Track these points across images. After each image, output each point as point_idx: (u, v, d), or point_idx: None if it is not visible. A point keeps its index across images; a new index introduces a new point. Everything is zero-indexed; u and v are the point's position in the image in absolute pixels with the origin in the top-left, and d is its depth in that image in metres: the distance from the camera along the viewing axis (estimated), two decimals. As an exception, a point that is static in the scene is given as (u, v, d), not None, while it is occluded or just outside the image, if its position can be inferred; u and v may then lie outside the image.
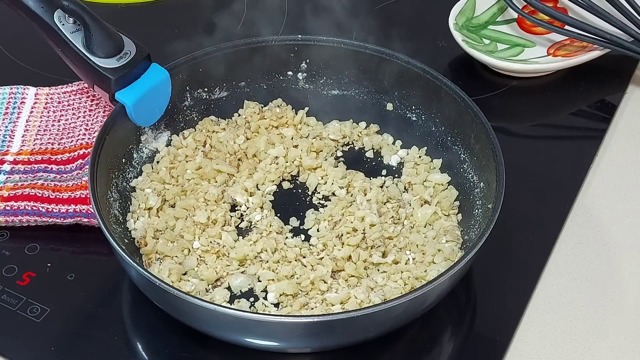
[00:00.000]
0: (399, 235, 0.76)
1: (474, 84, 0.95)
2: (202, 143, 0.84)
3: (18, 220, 0.77)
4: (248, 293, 0.72)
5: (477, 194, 0.76)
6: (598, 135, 0.90)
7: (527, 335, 0.72)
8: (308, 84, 0.87)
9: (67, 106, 0.89)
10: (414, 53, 0.83)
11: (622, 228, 0.81)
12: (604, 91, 0.95)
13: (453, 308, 0.73)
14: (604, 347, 0.71)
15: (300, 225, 0.78)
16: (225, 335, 0.67)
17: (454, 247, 0.75)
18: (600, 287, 0.76)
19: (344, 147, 0.86)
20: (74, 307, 0.73)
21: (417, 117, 0.84)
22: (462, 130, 0.80)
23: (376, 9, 1.06)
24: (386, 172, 0.83)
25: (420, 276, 0.72)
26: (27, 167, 0.82)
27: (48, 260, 0.76)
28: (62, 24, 0.75)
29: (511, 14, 1.01)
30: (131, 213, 0.77)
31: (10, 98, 0.89)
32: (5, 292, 0.73)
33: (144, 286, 0.67)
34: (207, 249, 0.74)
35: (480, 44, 0.97)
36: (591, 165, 0.86)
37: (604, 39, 0.92)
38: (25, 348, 0.70)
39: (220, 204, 0.78)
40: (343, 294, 0.70)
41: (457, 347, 0.72)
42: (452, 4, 0.99)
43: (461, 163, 0.80)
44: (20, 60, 0.96)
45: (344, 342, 0.68)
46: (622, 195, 0.84)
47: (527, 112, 0.94)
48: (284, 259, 0.74)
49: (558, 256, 0.78)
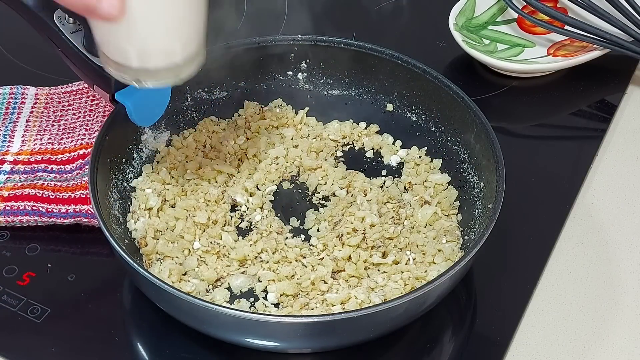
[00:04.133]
0: (399, 236, 0.76)
1: (474, 84, 0.95)
2: (203, 143, 0.84)
3: (18, 220, 0.77)
4: (248, 293, 0.72)
5: (477, 194, 0.76)
6: (598, 135, 0.90)
7: (527, 335, 0.72)
8: (308, 84, 0.87)
9: (67, 106, 0.89)
10: (414, 53, 0.83)
11: (622, 228, 0.81)
12: (604, 91, 0.95)
13: (453, 308, 0.73)
14: (604, 347, 0.71)
15: (301, 226, 0.78)
16: (226, 336, 0.67)
17: (454, 247, 0.75)
18: (600, 287, 0.76)
19: (344, 147, 0.86)
20: (74, 308, 0.73)
21: (417, 117, 0.84)
22: (462, 130, 0.80)
23: (376, 9, 1.06)
24: (386, 172, 0.83)
25: (421, 276, 0.72)
26: (27, 167, 0.82)
27: (48, 260, 0.76)
28: (62, 24, 0.75)
29: (511, 14, 1.01)
30: (131, 213, 0.77)
31: (10, 98, 0.89)
32: (5, 293, 0.73)
33: (144, 286, 0.67)
34: (207, 250, 0.74)
35: (480, 44, 0.97)
36: (591, 165, 0.86)
37: (604, 39, 0.92)
38: (25, 348, 0.70)
39: (220, 204, 0.78)
40: (343, 294, 0.70)
41: (458, 347, 0.72)
42: (452, 4, 0.99)
43: (461, 163, 0.80)
44: (20, 61, 0.96)
45: (345, 343, 0.68)
46: (622, 195, 0.84)
47: (527, 112, 0.94)
48: (284, 259, 0.74)
49: (558, 256, 0.78)
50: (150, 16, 0.61)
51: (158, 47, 0.64)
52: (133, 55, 0.63)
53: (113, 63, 0.65)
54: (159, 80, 0.66)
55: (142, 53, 0.63)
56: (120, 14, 0.59)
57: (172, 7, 0.61)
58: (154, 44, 0.63)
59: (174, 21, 0.63)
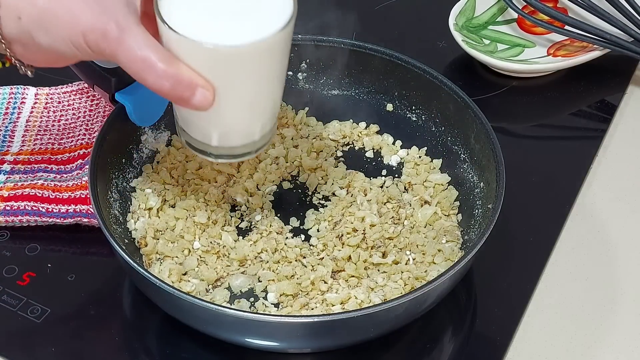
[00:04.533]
0: (399, 236, 0.76)
1: (474, 84, 0.95)
2: (202, 143, 0.84)
3: (18, 220, 0.77)
4: (248, 293, 0.72)
5: (477, 194, 0.76)
6: (598, 135, 0.90)
7: (527, 335, 0.72)
8: (308, 84, 0.87)
9: (67, 106, 0.89)
10: (414, 53, 0.83)
11: (622, 228, 0.81)
12: (604, 91, 0.95)
13: (453, 308, 0.73)
14: (604, 347, 0.71)
15: (301, 226, 0.78)
16: (225, 336, 0.67)
17: (454, 247, 0.75)
18: (600, 287, 0.76)
19: (344, 147, 0.86)
20: (74, 308, 0.73)
21: (417, 117, 0.84)
22: (462, 130, 0.80)
23: (376, 9, 1.06)
24: (386, 172, 0.83)
25: (421, 276, 0.72)
26: (27, 167, 0.82)
27: (48, 260, 0.76)
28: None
29: (511, 14, 1.01)
30: (131, 213, 0.77)
31: (11, 98, 0.89)
32: (5, 293, 0.73)
33: (144, 286, 0.67)
34: (207, 249, 0.74)
35: (480, 44, 0.97)
36: (591, 165, 0.87)
37: (604, 39, 0.92)
38: (25, 348, 0.70)
39: (220, 204, 0.78)
40: (343, 294, 0.70)
41: (458, 347, 0.72)
42: (452, 4, 0.99)
43: (461, 163, 0.80)
44: (20, 60, 0.96)
45: (344, 342, 0.68)
46: (622, 195, 0.84)
47: (527, 112, 0.94)
48: (284, 259, 0.74)
49: (558, 256, 0.78)
50: (237, 106, 0.64)
51: (239, 130, 0.66)
52: (215, 137, 0.66)
53: (192, 139, 0.67)
54: (235, 156, 0.68)
55: (223, 135, 0.66)
56: (211, 106, 0.61)
57: (257, 98, 0.64)
58: (236, 128, 0.66)
59: (258, 109, 0.65)
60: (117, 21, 0.58)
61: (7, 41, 0.62)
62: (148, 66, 0.58)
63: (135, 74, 0.59)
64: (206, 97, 0.60)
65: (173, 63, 0.59)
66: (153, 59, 0.58)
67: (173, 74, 0.59)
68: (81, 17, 0.58)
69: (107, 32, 0.58)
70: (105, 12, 0.58)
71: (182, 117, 0.67)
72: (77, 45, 0.59)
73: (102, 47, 0.59)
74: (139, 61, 0.58)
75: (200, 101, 0.60)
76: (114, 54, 0.59)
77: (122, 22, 0.58)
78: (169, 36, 0.59)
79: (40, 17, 0.59)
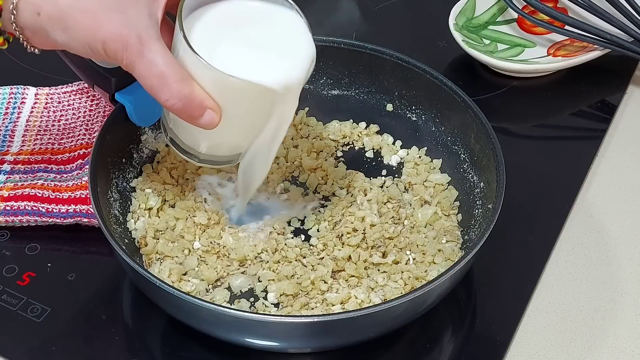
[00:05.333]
0: (399, 236, 0.76)
1: (474, 84, 0.95)
2: (202, 143, 0.84)
3: (18, 220, 0.77)
4: (248, 293, 0.72)
5: (477, 194, 0.76)
6: (598, 136, 0.90)
7: (527, 335, 0.72)
8: (308, 84, 0.87)
9: (67, 106, 0.89)
10: (414, 53, 0.83)
11: (622, 228, 0.81)
12: (604, 91, 0.95)
13: (453, 308, 0.73)
14: (604, 347, 0.71)
15: (301, 226, 0.78)
16: (226, 335, 0.67)
17: (454, 247, 0.75)
18: (600, 287, 0.76)
19: (344, 147, 0.86)
20: (74, 307, 0.73)
21: (417, 117, 0.84)
22: (462, 130, 0.80)
23: (376, 9, 1.06)
24: (386, 172, 0.83)
25: (421, 276, 0.72)
26: (27, 167, 0.82)
27: (48, 260, 0.76)
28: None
29: (511, 14, 1.01)
30: (131, 213, 0.77)
31: (10, 98, 0.89)
32: (5, 292, 0.73)
33: (144, 286, 0.67)
34: (207, 249, 0.74)
35: (481, 44, 0.97)
36: (591, 165, 0.87)
37: (604, 39, 0.92)
38: (25, 348, 0.70)
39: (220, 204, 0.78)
40: (343, 294, 0.70)
41: (458, 347, 0.72)
42: (452, 4, 0.99)
43: (461, 163, 0.80)
44: (20, 60, 0.96)
45: (344, 342, 0.68)
46: (622, 195, 0.84)
47: (527, 112, 0.94)
48: (284, 259, 0.74)
49: (558, 256, 0.78)
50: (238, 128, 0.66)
51: (231, 144, 0.69)
52: (204, 146, 0.68)
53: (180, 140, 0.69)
54: (219, 162, 0.71)
55: (213, 146, 0.69)
56: (216, 127, 0.62)
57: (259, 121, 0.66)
58: (229, 142, 0.69)
59: (255, 131, 0.67)
60: (138, 34, 0.58)
61: (20, 28, 0.62)
62: (163, 84, 0.59)
63: (149, 89, 0.60)
64: (213, 119, 0.61)
65: (188, 84, 0.59)
66: (169, 78, 0.59)
67: (187, 95, 0.59)
68: (103, 25, 0.58)
69: (128, 45, 0.58)
70: (128, 23, 0.58)
71: (174, 121, 0.67)
72: (93, 49, 0.59)
73: (119, 57, 0.59)
74: (154, 77, 0.59)
75: (207, 122, 0.61)
76: (132, 65, 0.59)
77: (143, 35, 0.58)
78: (191, 60, 0.60)
79: (60, 18, 0.59)
